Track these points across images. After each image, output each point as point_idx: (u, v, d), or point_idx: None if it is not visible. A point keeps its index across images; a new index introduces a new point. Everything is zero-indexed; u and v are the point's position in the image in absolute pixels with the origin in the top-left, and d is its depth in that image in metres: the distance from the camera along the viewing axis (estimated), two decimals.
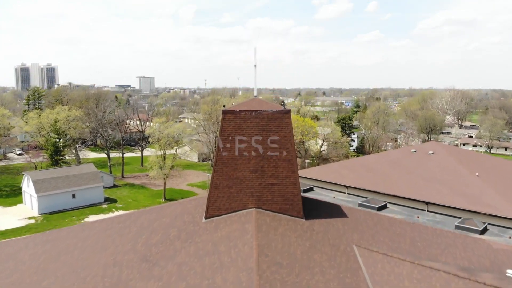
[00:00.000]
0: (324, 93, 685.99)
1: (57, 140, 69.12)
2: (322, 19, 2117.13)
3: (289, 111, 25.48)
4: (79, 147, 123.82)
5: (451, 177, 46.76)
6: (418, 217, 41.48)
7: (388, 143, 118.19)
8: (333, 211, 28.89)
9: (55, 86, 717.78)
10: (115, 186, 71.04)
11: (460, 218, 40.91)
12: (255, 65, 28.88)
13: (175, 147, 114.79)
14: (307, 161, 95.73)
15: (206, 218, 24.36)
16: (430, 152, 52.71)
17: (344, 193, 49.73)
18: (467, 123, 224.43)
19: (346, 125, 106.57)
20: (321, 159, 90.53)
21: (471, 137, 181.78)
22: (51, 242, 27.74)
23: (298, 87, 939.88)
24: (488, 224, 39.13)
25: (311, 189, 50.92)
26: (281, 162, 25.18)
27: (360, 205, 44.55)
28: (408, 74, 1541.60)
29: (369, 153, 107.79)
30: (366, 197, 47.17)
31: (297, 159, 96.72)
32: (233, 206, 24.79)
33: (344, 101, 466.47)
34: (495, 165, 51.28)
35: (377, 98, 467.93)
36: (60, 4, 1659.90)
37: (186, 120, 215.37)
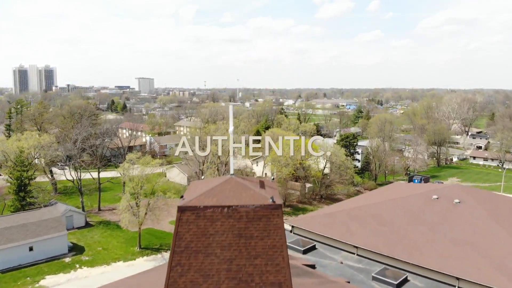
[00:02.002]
0: (325, 95, 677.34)
1: (23, 172, 60.38)
2: (323, 19, 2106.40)
3: (279, 206, 16.73)
4: (62, 165, 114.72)
5: (485, 239, 37.92)
6: None
7: (395, 157, 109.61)
8: None
9: (53, 88, 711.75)
10: (87, 224, 62.23)
11: None
12: (231, 130, 20.17)
13: (164, 168, 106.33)
14: (308, 185, 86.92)
15: None
16: (456, 200, 43.85)
17: (354, 254, 40.93)
18: (473, 129, 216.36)
19: (350, 144, 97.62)
20: (324, 185, 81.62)
21: (480, 147, 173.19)
22: None
23: (299, 87, 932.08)
24: None
25: (313, 248, 42.13)
26: None
27: (374, 278, 35.82)
28: (409, 73, 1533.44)
29: (376, 175, 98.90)
30: (381, 263, 38.42)
31: (296, 183, 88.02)
32: None
33: (345, 104, 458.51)
34: None
35: (379, 101, 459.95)
36: (60, 4, 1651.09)
37: (182, 129, 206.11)
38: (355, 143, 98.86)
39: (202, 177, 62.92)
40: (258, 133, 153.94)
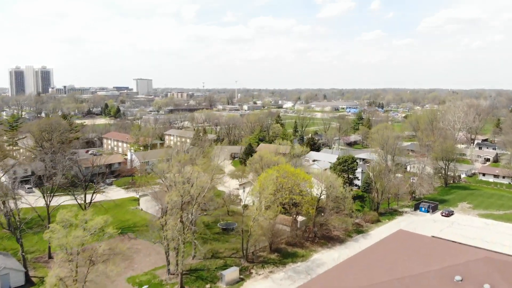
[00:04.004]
0: (325, 96, 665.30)
1: None
2: (325, 18, 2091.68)
3: None
4: (29, 188, 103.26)
5: None
6: None
7: (399, 177, 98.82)
8: None
9: (50, 90, 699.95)
10: (28, 282, 51.32)
11: None
12: None
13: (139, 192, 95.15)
14: (300, 218, 75.99)
15: None
16: (486, 286, 32.85)
17: None
18: (478, 136, 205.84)
19: (349, 169, 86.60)
20: (319, 225, 70.43)
21: (488, 159, 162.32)
22: None
23: (299, 88, 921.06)
24: None
25: None
26: None
27: None
28: (410, 73, 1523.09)
29: (378, 203, 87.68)
30: None
31: (286, 216, 76.71)
32: None
33: (345, 107, 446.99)
34: None
35: (380, 104, 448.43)
36: (63, 2, 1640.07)
37: (172, 138, 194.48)
38: (354, 168, 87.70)
39: (165, 231, 51.98)
40: (250, 146, 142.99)
